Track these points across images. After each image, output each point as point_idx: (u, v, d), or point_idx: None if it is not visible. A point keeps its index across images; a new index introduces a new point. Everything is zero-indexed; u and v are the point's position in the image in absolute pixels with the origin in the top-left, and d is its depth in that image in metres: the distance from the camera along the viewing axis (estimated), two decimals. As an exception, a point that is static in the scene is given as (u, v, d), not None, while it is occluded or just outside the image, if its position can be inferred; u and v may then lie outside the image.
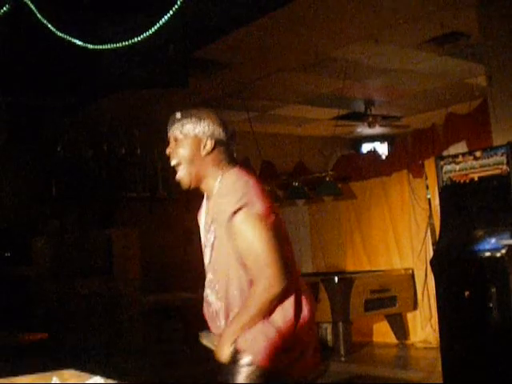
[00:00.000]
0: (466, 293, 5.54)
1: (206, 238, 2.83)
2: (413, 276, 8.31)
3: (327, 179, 9.09)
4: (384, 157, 9.46)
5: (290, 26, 7.04)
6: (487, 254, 5.47)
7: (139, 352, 8.41)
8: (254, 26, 6.77)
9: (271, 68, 8.37)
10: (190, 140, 2.75)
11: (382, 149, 12.85)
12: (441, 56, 8.25)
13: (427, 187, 8.23)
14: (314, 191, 9.41)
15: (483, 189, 5.74)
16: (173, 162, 2.82)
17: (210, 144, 2.74)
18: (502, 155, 5.54)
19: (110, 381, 2.44)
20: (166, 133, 2.89)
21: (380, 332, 8.70)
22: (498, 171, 5.58)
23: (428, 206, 8.23)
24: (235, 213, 2.57)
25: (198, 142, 2.74)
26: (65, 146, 9.53)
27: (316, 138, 12.63)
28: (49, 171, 9.50)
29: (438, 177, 6.11)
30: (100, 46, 5.85)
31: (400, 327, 8.37)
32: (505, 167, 5.51)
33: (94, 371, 2.76)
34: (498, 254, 5.32)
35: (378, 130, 12.08)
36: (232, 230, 2.59)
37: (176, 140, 2.80)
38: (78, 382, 2.52)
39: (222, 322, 2.76)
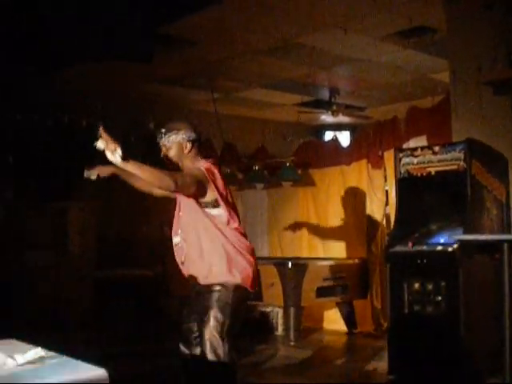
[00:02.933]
0: (416, 285, 5.61)
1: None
2: (366, 265, 8.39)
3: (287, 164, 9.11)
4: (345, 146, 9.48)
5: (258, 9, 7.02)
6: (439, 247, 5.54)
7: (88, 327, 8.37)
8: (222, 6, 6.72)
9: (238, 49, 8.34)
10: (175, 146, 4.17)
11: (344, 138, 12.91)
12: (406, 49, 8.30)
13: (385, 179, 8.29)
14: (273, 176, 9.42)
15: (439, 183, 5.81)
16: (168, 160, 4.21)
17: (189, 145, 4.17)
18: (459, 151, 5.60)
19: (51, 353, 2.44)
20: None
21: (330, 319, 8.77)
22: (455, 167, 5.64)
23: (385, 198, 8.30)
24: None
25: (181, 145, 4.17)
26: (25, 115, 9.37)
27: (279, 123, 12.63)
28: (7, 139, 9.34)
29: (395, 169, 6.15)
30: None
31: (350, 316, 8.45)
32: (462, 163, 5.57)
33: (37, 343, 2.74)
34: (450, 249, 5.38)
35: (341, 119, 12.13)
36: None
37: (166, 147, 4.19)
38: (18, 352, 2.50)
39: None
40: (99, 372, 2.34)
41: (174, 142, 4.14)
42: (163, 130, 4.17)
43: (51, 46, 7.16)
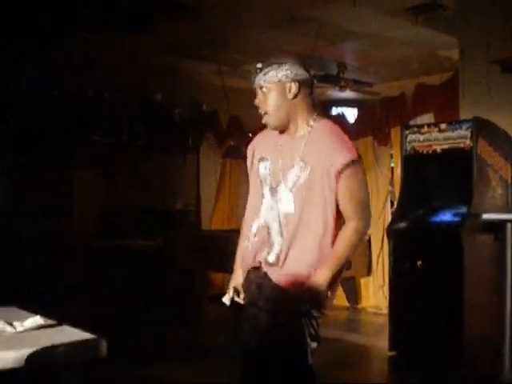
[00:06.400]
0: (419, 262, 5.61)
1: (285, 176, 2.86)
2: (369, 242, 8.38)
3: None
4: (351, 122, 9.42)
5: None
6: (443, 225, 5.54)
7: (87, 296, 8.41)
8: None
9: (245, 20, 8.25)
10: (274, 86, 2.83)
11: (351, 114, 12.83)
12: (416, 26, 8.20)
13: (392, 156, 8.26)
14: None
15: (445, 161, 5.78)
16: (261, 111, 2.89)
17: (294, 87, 2.83)
18: (466, 129, 5.58)
19: (49, 321, 2.45)
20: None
21: (332, 295, 8.79)
22: (461, 145, 5.62)
23: (390, 175, 8.28)
24: (347, 166, 2.78)
25: (282, 87, 2.82)
26: (30, 83, 9.35)
27: (285, 98, 12.56)
28: (11, 107, 9.32)
29: (401, 146, 6.13)
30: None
31: (352, 291, 8.46)
32: (468, 142, 5.55)
33: (37, 311, 2.75)
34: (454, 227, 5.38)
35: (348, 94, 12.03)
36: (341, 178, 2.79)
37: (261, 89, 2.87)
38: (18, 319, 2.51)
39: (275, 255, 2.86)
40: (97, 340, 2.35)
41: (273, 83, 2.84)
42: (259, 65, 2.91)
43: (52, 17, 7.13)
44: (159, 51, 9.58)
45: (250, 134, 10.33)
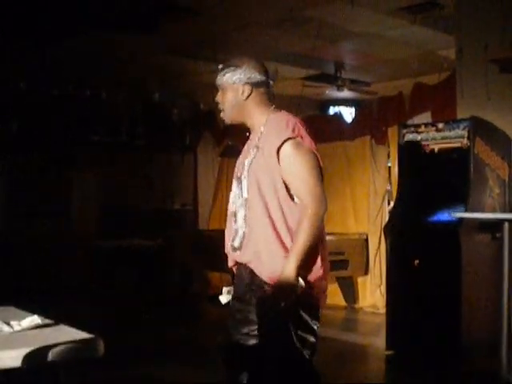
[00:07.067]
0: (416, 261, 5.62)
1: (244, 164, 3.02)
2: (366, 241, 8.39)
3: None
4: (349, 121, 9.44)
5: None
6: (440, 225, 5.55)
7: (87, 296, 8.42)
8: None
9: (244, 21, 8.26)
10: (229, 88, 3.06)
11: (349, 113, 12.86)
12: (413, 25, 8.23)
13: (388, 155, 8.28)
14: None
15: (442, 161, 5.79)
16: (219, 107, 3.12)
17: (247, 89, 3.04)
18: (463, 129, 5.59)
19: (46, 320, 2.47)
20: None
21: (330, 294, 8.74)
22: (458, 144, 5.63)
23: (388, 174, 8.29)
24: (286, 141, 2.87)
25: (236, 88, 3.04)
26: (30, 83, 9.37)
27: (283, 97, 12.52)
28: (11, 107, 9.33)
29: (399, 145, 6.14)
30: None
31: (350, 291, 8.48)
32: (465, 141, 5.56)
33: (34, 310, 2.77)
34: (451, 227, 5.38)
35: (346, 93, 12.06)
36: (281, 157, 2.87)
37: (220, 88, 3.11)
38: (15, 319, 2.53)
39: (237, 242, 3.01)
40: (94, 339, 2.36)
41: (228, 84, 3.06)
42: (220, 66, 3.13)
43: (52, 17, 7.14)
44: (159, 51, 9.60)
45: (247, 134, 10.36)
